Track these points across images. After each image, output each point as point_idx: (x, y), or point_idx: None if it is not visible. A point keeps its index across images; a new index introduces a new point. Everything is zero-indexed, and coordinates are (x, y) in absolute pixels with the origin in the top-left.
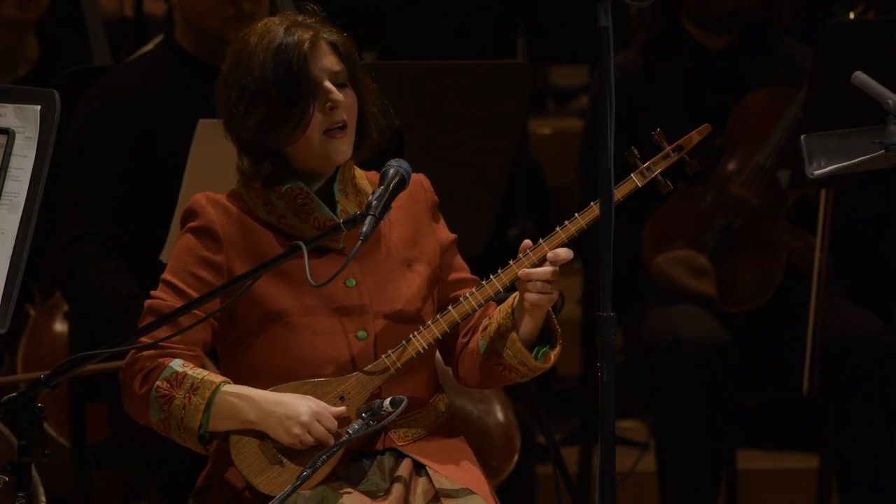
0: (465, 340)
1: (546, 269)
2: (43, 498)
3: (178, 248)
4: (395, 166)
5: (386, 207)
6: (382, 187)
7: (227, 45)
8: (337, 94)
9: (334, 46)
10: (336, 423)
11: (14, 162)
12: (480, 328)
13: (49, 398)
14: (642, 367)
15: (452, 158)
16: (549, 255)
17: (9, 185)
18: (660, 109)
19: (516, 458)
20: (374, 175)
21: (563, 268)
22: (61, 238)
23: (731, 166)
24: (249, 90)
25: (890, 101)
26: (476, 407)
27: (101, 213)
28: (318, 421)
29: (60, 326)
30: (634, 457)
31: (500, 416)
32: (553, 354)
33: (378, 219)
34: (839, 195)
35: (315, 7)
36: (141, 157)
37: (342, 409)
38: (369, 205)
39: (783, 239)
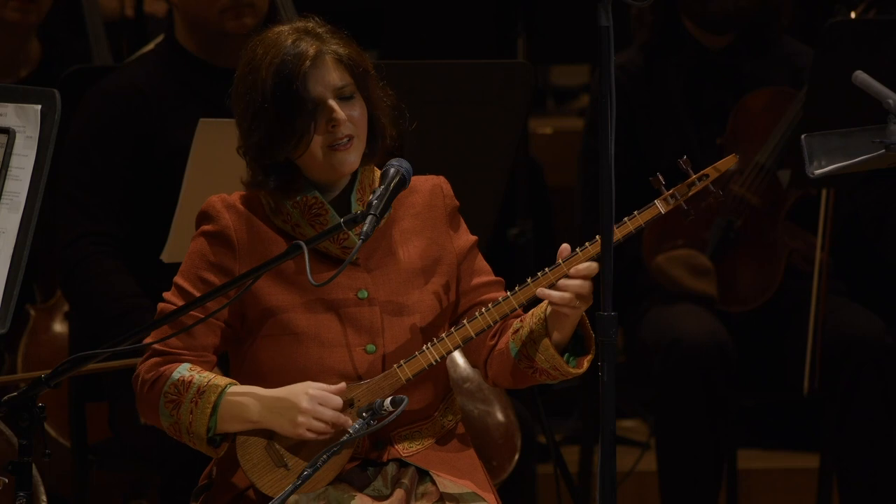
0: (492, 343)
1: (577, 282)
2: (43, 497)
3: (190, 251)
4: (395, 166)
5: (387, 207)
6: (383, 187)
7: (227, 36)
8: (339, 113)
9: (339, 59)
10: (341, 401)
11: (15, 161)
12: (511, 330)
13: (49, 398)
14: (642, 367)
15: (452, 158)
16: (572, 271)
17: (9, 185)
18: (660, 109)
19: (517, 457)
20: None
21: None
22: (62, 238)
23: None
24: (252, 106)
25: (890, 101)
26: (476, 407)
27: (101, 212)
28: (321, 404)
29: (60, 326)
30: (635, 456)
31: (500, 415)
32: (586, 360)
33: (378, 218)
34: (839, 195)
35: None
36: (141, 156)
37: (342, 385)
38: (370, 204)
39: (783, 239)
